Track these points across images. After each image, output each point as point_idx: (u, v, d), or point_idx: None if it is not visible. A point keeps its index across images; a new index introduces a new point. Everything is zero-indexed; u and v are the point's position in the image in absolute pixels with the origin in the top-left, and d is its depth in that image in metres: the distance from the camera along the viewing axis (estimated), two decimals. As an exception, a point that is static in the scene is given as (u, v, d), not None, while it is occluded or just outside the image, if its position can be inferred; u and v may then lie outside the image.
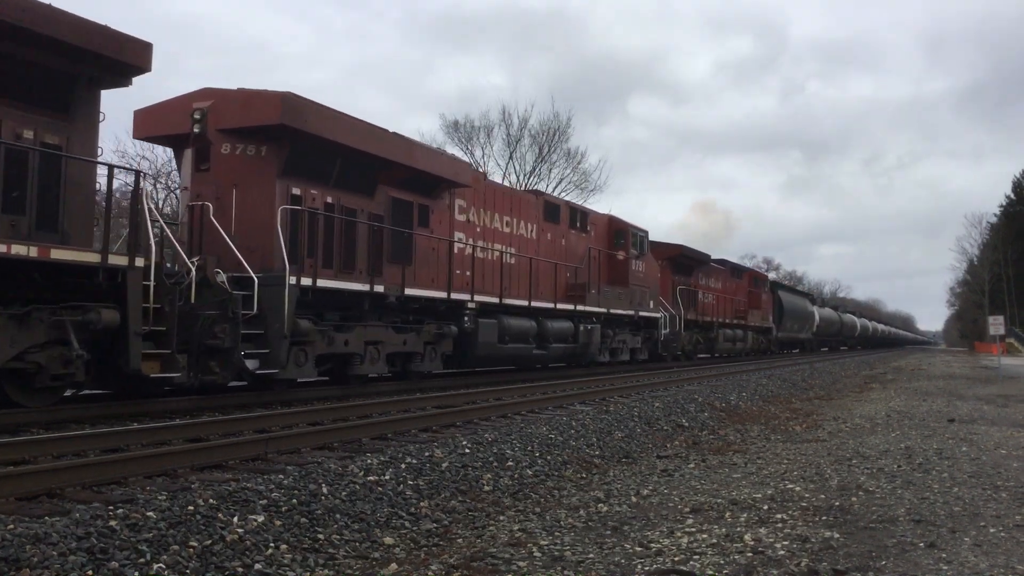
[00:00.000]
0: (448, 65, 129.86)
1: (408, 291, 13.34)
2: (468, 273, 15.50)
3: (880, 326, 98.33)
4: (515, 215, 17.63)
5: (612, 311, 21.10)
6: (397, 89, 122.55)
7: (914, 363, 41.79)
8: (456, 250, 15.13)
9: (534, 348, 17.62)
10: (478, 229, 16.16)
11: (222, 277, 10.38)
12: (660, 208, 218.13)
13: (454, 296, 14.64)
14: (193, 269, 10.07)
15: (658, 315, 24.29)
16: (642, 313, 23.12)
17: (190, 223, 11.39)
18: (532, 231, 18.30)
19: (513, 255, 17.10)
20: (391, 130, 13.25)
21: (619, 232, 22.51)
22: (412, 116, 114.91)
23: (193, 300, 9.84)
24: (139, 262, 8.91)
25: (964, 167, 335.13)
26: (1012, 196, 75.95)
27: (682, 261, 28.42)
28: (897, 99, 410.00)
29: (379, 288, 12.73)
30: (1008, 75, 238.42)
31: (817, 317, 52.02)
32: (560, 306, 18.63)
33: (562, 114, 59.09)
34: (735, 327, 33.62)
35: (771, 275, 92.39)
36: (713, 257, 33.05)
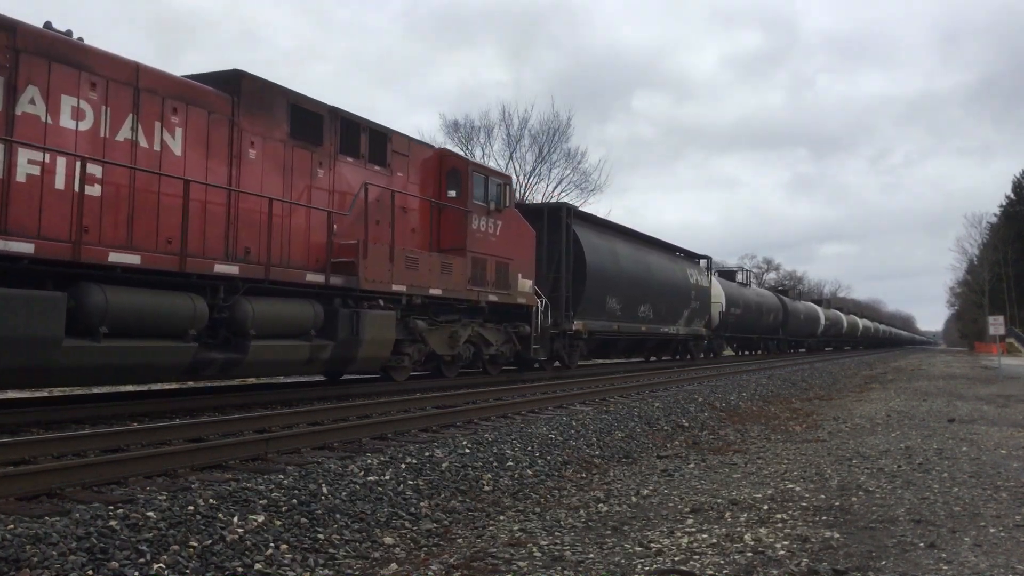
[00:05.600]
0: (449, 60, 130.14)
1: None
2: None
3: (862, 322, 79.21)
4: None
5: None
6: (398, 85, 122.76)
7: (914, 363, 41.80)
8: None
9: None
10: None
11: None
12: (665, 207, 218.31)
13: None
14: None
15: None
16: None
17: None
18: None
19: None
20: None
21: None
22: (414, 113, 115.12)
23: None
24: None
25: (972, 165, 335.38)
26: (1012, 196, 76.01)
27: None
28: (908, 94, 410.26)
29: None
30: (1021, 70, 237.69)
31: (716, 293, 30.82)
32: None
33: (562, 114, 58.99)
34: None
35: (769, 275, 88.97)
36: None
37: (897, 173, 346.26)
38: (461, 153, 15.99)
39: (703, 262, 31.04)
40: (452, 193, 14.89)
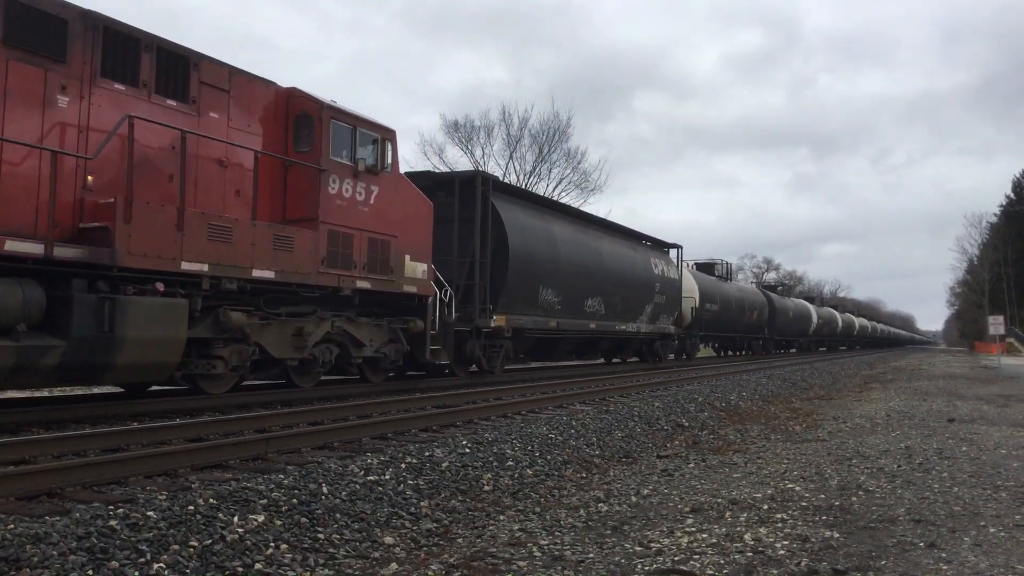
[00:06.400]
0: (450, 60, 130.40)
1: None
2: None
3: (859, 320, 72.24)
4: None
5: None
6: (400, 84, 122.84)
7: (914, 363, 41.81)
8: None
9: None
10: None
11: None
12: (665, 207, 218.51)
13: None
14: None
15: None
16: None
17: None
18: None
19: None
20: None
21: None
22: (415, 113, 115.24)
23: None
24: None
25: (973, 165, 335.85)
26: (1012, 196, 76.06)
27: None
28: (909, 94, 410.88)
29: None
30: (1022, 70, 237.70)
31: (688, 287, 27.69)
32: None
33: (562, 114, 58.99)
34: None
35: (769, 275, 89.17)
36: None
37: (898, 173, 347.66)
38: (319, 97, 11.50)
39: (673, 252, 26.84)
40: (304, 148, 11.21)
